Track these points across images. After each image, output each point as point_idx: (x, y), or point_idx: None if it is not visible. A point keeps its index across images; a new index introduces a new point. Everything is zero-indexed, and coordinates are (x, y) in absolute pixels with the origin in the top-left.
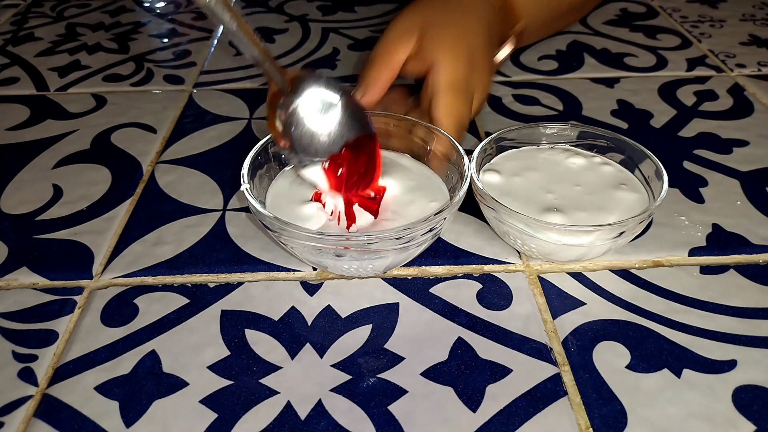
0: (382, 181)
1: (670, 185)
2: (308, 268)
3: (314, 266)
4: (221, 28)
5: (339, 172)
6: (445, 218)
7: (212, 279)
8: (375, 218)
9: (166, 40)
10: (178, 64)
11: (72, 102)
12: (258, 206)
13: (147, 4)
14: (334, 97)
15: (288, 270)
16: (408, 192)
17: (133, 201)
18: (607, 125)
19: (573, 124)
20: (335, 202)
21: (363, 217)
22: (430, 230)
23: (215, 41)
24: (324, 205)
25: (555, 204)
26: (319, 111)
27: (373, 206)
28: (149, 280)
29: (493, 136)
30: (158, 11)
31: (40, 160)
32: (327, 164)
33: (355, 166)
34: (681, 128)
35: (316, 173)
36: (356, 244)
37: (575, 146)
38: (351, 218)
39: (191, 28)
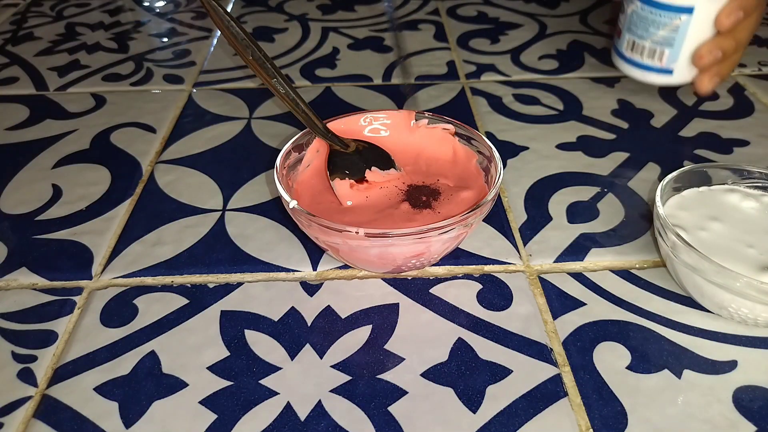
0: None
1: None
2: (308, 268)
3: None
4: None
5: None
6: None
7: (212, 279)
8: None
9: (165, 39)
10: (177, 63)
11: (71, 102)
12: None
13: (147, 4)
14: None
15: (288, 270)
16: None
17: (133, 201)
18: (607, 125)
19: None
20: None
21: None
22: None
23: (215, 41)
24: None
25: (763, 261)
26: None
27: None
28: (149, 280)
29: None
30: (158, 10)
31: (39, 160)
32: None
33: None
34: (681, 128)
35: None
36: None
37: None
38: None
39: (191, 27)
